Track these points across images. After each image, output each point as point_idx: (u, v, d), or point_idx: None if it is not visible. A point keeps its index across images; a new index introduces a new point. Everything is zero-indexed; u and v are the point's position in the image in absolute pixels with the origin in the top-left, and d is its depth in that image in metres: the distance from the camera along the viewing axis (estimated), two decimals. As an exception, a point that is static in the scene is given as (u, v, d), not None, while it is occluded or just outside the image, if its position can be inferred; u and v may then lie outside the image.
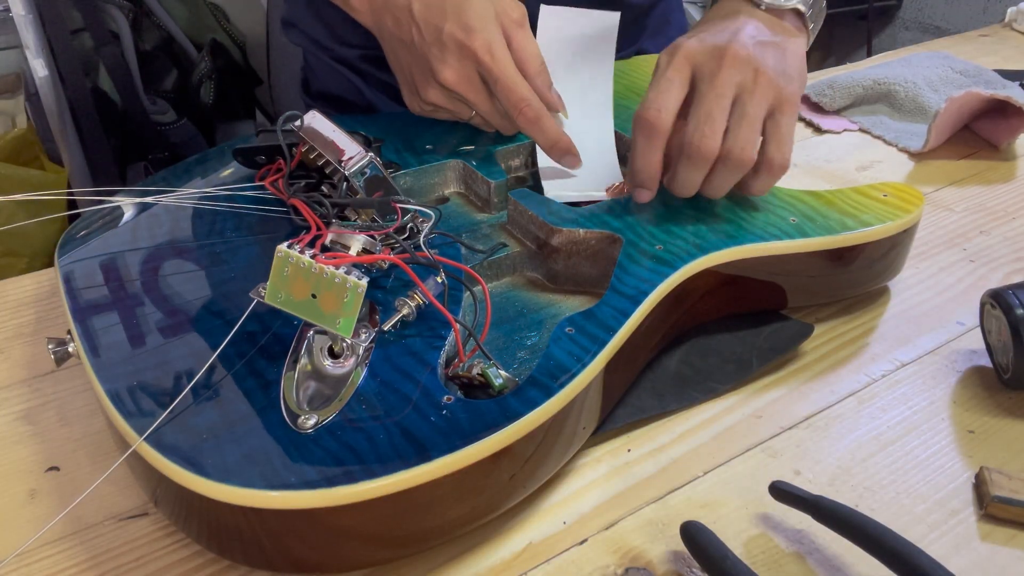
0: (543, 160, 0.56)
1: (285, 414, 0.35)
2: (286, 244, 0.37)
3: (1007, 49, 1.02)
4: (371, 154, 0.47)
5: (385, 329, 0.39)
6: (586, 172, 0.55)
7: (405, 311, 0.40)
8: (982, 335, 0.49)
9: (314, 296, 0.37)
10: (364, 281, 0.36)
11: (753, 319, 0.51)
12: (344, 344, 0.38)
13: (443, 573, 0.37)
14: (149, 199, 0.50)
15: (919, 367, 0.49)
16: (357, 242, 0.42)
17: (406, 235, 0.46)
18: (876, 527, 0.34)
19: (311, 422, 0.34)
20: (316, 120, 0.49)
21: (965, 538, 0.39)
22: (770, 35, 0.49)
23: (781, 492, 0.38)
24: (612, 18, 0.59)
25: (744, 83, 0.46)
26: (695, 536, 0.36)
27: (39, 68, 1.37)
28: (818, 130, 0.80)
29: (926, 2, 2.07)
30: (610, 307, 0.41)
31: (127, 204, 0.51)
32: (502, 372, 0.38)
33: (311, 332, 0.39)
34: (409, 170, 0.55)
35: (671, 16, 0.82)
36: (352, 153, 0.47)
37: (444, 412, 0.35)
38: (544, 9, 0.59)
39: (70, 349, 0.41)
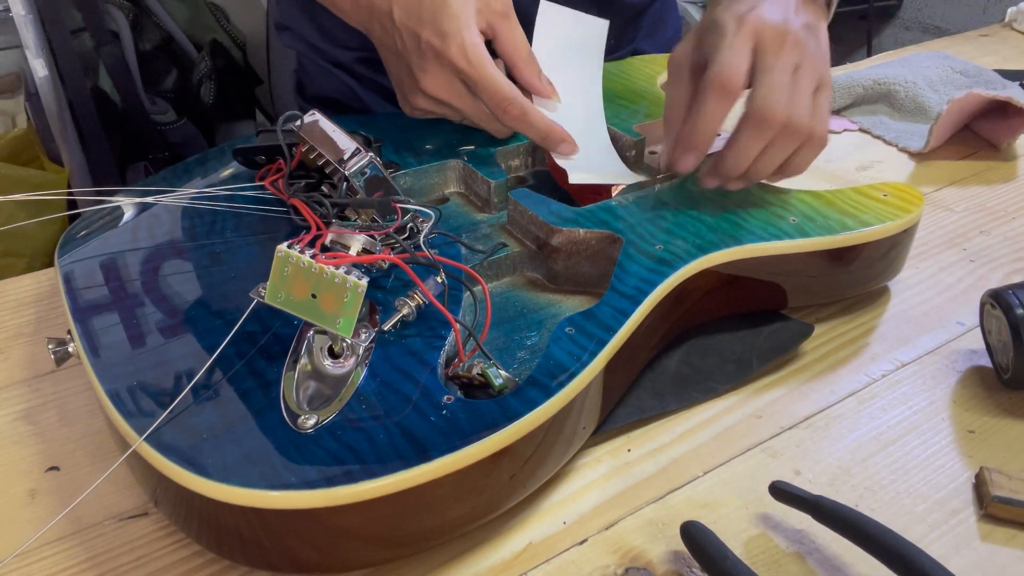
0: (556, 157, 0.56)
1: (285, 414, 0.35)
2: (286, 244, 0.37)
3: (1007, 49, 1.02)
4: (371, 154, 0.47)
5: (385, 329, 0.39)
6: (594, 166, 0.55)
7: (405, 311, 0.40)
8: (982, 335, 0.49)
9: (314, 296, 0.37)
10: (364, 281, 0.36)
11: (753, 319, 0.51)
12: (344, 344, 0.38)
13: (443, 573, 0.37)
14: (149, 199, 0.50)
15: (919, 367, 0.49)
16: (357, 242, 0.42)
17: (406, 235, 0.46)
18: (876, 527, 0.34)
19: (311, 422, 0.34)
20: (316, 120, 0.49)
21: (965, 538, 0.39)
22: (809, 17, 0.51)
23: (781, 492, 0.38)
24: (602, 25, 0.61)
25: (799, 63, 0.48)
26: (695, 536, 0.36)
27: (39, 68, 1.37)
28: (818, 130, 0.80)
29: (926, 2, 2.08)
30: (610, 307, 0.41)
31: (127, 204, 0.51)
32: (502, 372, 0.38)
33: (311, 332, 0.39)
34: (409, 170, 0.55)
35: (667, 16, 0.83)
36: (352, 153, 0.47)
37: (444, 412, 0.35)
38: (543, 4, 0.60)
39: (70, 349, 0.41)
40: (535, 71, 0.55)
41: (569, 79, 0.59)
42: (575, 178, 0.53)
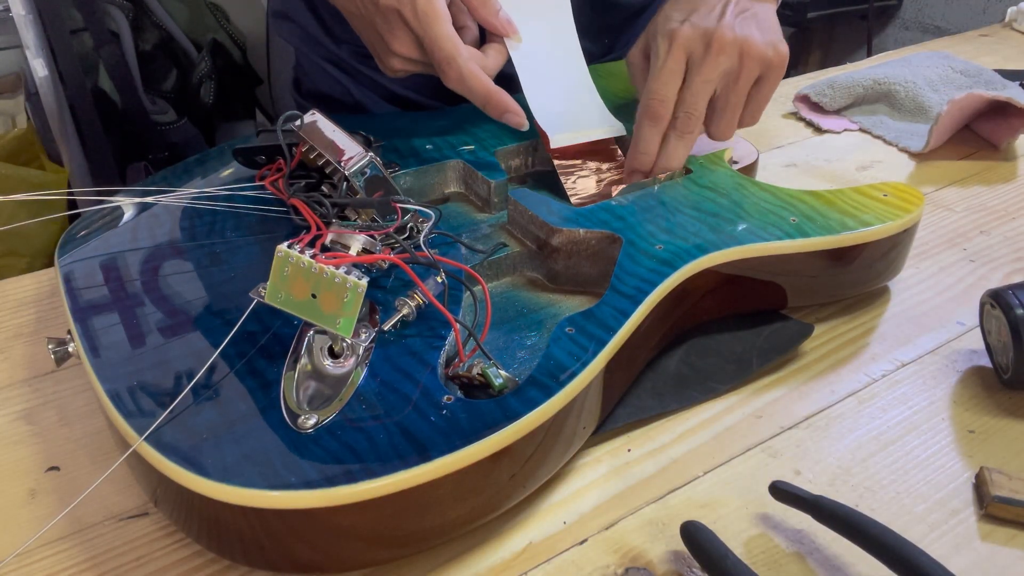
0: (537, 115, 0.55)
1: (285, 414, 0.35)
2: (286, 244, 0.37)
3: (1007, 49, 1.02)
4: (371, 154, 0.47)
5: (385, 329, 0.39)
6: (576, 111, 0.55)
7: (405, 311, 0.40)
8: (982, 335, 0.49)
9: (314, 296, 0.37)
10: (364, 281, 0.36)
11: (753, 319, 0.51)
12: (344, 344, 0.38)
13: (443, 573, 0.37)
14: (149, 199, 0.50)
15: (919, 367, 0.49)
16: (357, 242, 0.42)
17: (406, 235, 0.46)
18: (876, 527, 0.34)
19: (311, 422, 0.34)
20: (316, 120, 0.49)
21: (965, 538, 0.39)
22: (748, 4, 0.53)
23: (781, 492, 0.38)
24: None
25: (731, 69, 0.51)
26: (695, 536, 0.36)
27: (39, 68, 1.37)
28: (818, 130, 0.80)
29: (926, 2, 2.07)
30: (610, 307, 0.41)
31: (127, 204, 0.51)
32: (502, 372, 0.38)
33: (311, 332, 0.39)
34: (409, 170, 0.55)
35: None
36: (352, 153, 0.47)
37: (444, 412, 0.35)
38: None
39: (70, 349, 0.41)
40: (493, 10, 0.54)
41: (536, 19, 0.57)
42: (557, 141, 0.52)
